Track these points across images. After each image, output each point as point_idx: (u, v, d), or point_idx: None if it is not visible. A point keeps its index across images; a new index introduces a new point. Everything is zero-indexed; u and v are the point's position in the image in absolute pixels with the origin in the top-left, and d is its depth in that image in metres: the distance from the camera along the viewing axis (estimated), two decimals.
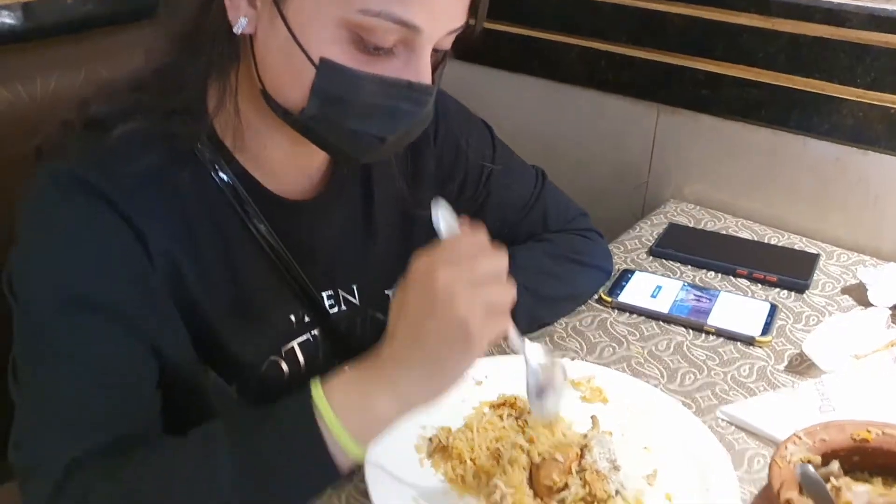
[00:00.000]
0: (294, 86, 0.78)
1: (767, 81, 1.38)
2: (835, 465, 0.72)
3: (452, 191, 1.08)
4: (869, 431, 0.74)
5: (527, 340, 0.81)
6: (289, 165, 0.91)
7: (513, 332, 0.78)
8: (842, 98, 1.33)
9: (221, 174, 0.85)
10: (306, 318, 0.95)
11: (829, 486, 0.68)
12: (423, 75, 0.79)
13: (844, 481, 0.71)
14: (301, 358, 0.95)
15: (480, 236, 0.75)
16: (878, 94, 1.30)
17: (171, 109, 0.81)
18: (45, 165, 0.79)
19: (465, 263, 0.71)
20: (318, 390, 0.72)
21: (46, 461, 0.72)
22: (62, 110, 0.83)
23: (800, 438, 0.72)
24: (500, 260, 0.74)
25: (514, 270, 1.07)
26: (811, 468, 0.61)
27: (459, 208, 1.06)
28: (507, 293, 0.73)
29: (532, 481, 0.84)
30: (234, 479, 0.70)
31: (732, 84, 1.42)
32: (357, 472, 0.84)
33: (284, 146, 0.88)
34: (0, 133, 1.00)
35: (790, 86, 1.37)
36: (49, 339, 0.75)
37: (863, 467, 0.74)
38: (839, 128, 1.35)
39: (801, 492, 0.68)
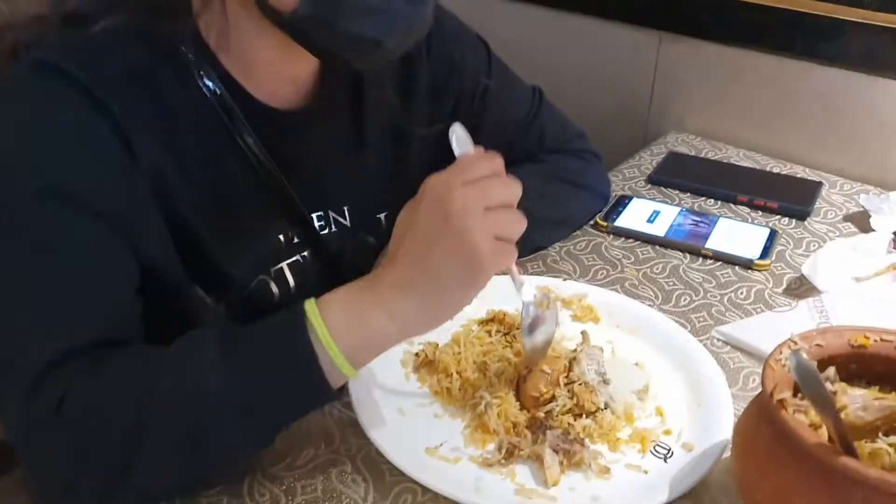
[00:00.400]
0: None
1: (772, 4, 1.34)
2: (831, 371, 0.69)
3: (446, 106, 1.04)
4: (867, 337, 0.71)
5: (525, 278, 0.79)
6: (276, 72, 0.87)
7: (514, 265, 0.77)
8: (849, 21, 1.28)
9: (207, 81, 0.81)
10: (296, 239, 0.93)
11: None
12: None
13: (840, 386, 0.68)
14: (291, 279, 0.93)
15: (497, 161, 0.72)
16: (888, 15, 1.25)
17: (154, 5, 0.77)
18: (22, 57, 0.76)
19: (481, 187, 0.69)
20: (312, 307, 0.68)
21: (20, 361, 0.69)
22: (34, 4, 0.80)
23: (795, 343, 0.69)
24: (515, 187, 0.72)
25: None
26: (804, 356, 0.58)
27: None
28: (520, 223, 0.71)
29: (518, 393, 0.82)
30: (223, 385, 0.66)
31: (736, 8, 1.37)
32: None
33: (272, 51, 0.84)
34: None
35: (795, 8, 1.32)
36: (22, 228, 0.71)
37: (860, 375, 0.72)
38: (846, 53, 1.31)
39: (794, 393, 0.65)
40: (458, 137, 0.77)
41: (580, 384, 0.81)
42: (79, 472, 0.67)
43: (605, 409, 0.81)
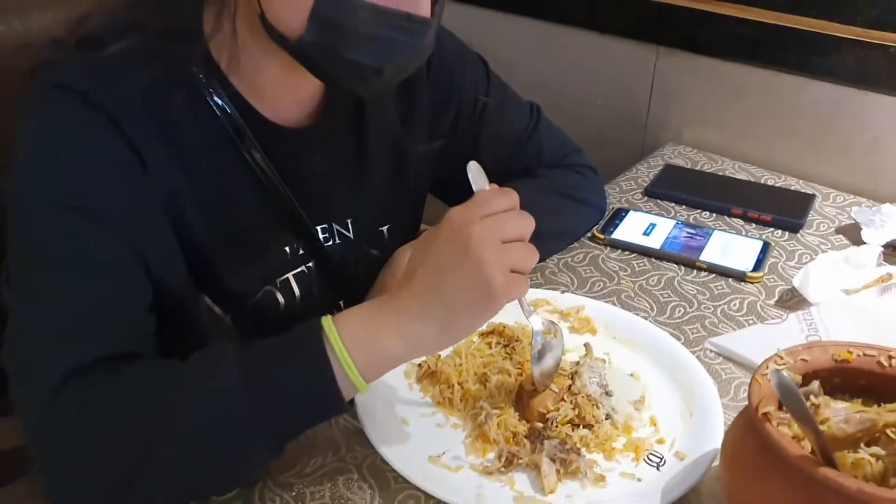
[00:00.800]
0: (293, 11, 0.77)
1: (767, 21, 1.37)
2: (815, 385, 0.72)
3: (446, 123, 1.08)
4: (850, 352, 0.74)
5: (533, 309, 0.85)
6: (283, 92, 0.91)
7: (524, 297, 0.80)
8: (842, 37, 1.32)
9: (216, 98, 0.85)
10: (301, 251, 0.96)
11: (808, 403, 0.68)
12: (422, 8, 0.79)
13: (824, 399, 0.71)
14: (296, 289, 0.96)
15: (513, 196, 0.76)
16: (880, 32, 1.28)
17: (167, 28, 0.81)
18: (39, 78, 0.79)
19: (498, 221, 0.73)
20: (328, 323, 0.72)
21: (42, 368, 0.72)
22: (49, 26, 0.83)
23: (781, 358, 0.72)
24: (529, 222, 0.76)
25: None
26: (785, 373, 0.61)
27: (453, 142, 1.08)
28: (533, 256, 0.75)
29: (519, 405, 0.85)
30: (241, 393, 0.69)
31: (731, 23, 1.40)
32: None
33: (279, 72, 0.87)
34: None
35: (790, 25, 1.35)
36: (45, 244, 0.75)
37: (844, 389, 0.75)
38: (839, 68, 1.34)
39: (779, 407, 0.69)
40: (475, 174, 0.81)
41: (582, 396, 0.84)
42: (94, 477, 0.70)
43: (607, 419, 0.84)
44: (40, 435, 0.72)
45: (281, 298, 0.95)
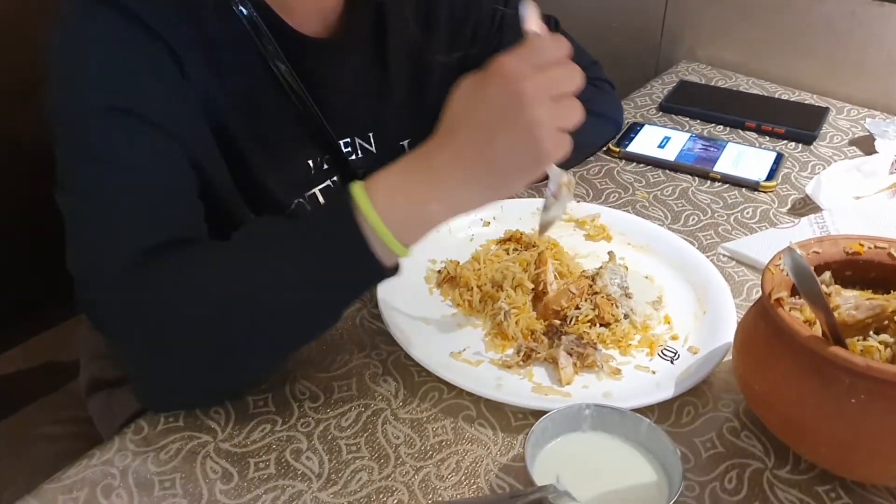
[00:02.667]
0: None
1: None
2: (826, 275, 0.75)
3: (465, 36, 1.08)
4: (861, 245, 0.76)
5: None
6: (305, 1, 0.91)
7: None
8: None
9: (242, 7, 0.86)
10: (325, 165, 0.97)
11: None
12: None
13: (835, 288, 0.74)
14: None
15: (565, 45, 0.69)
16: None
17: None
18: None
19: (552, 76, 0.66)
20: (361, 194, 0.68)
21: (111, 257, 0.73)
22: None
23: (793, 250, 0.74)
24: (579, 76, 0.69)
25: None
26: (798, 252, 0.63)
27: (473, 55, 1.08)
28: (580, 113, 0.69)
29: (536, 306, 0.88)
30: (290, 274, 0.70)
31: None
32: (370, 297, 0.89)
33: None
34: None
35: None
36: (95, 145, 0.76)
37: (854, 281, 0.77)
38: None
39: (791, 295, 0.71)
40: (529, 15, 0.71)
41: (602, 296, 0.87)
42: (185, 354, 0.72)
43: (626, 319, 0.87)
44: (122, 324, 0.73)
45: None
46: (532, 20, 0.71)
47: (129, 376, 0.78)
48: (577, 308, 0.86)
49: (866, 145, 1.23)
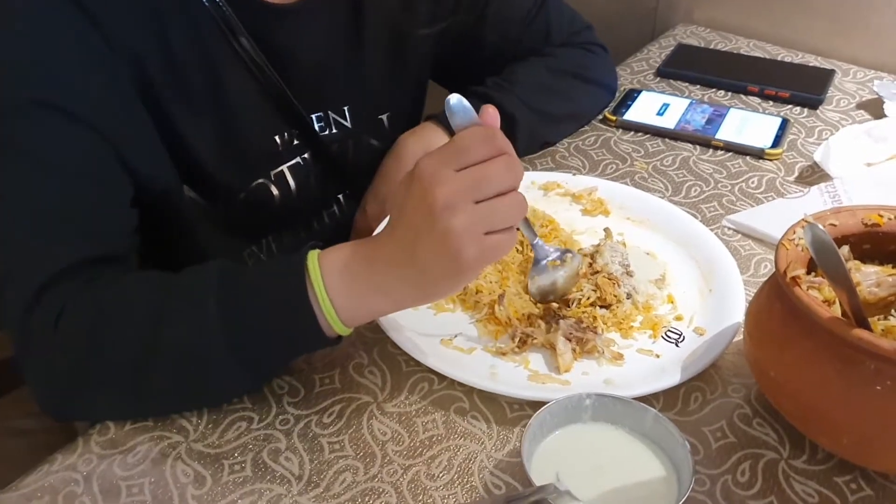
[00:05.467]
0: None
1: None
2: (845, 249, 0.69)
3: (448, 4, 1.02)
4: (881, 216, 0.71)
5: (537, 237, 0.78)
6: None
7: (527, 232, 0.74)
8: None
9: None
10: (295, 141, 0.91)
11: None
12: None
13: (854, 263, 0.68)
14: (292, 182, 0.92)
15: (499, 139, 0.63)
16: None
17: None
18: None
19: (474, 178, 0.61)
20: (315, 267, 0.65)
21: (18, 276, 0.69)
22: None
23: (808, 223, 0.69)
24: (517, 172, 0.63)
25: (515, 87, 1.04)
26: (820, 226, 0.58)
27: (457, 23, 1.02)
28: (519, 210, 0.64)
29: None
30: (222, 334, 0.65)
31: None
32: None
33: None
34: None
35: None
36: (13, 141, 0.70)
37: (873, 255, 0.71)
38: None
39: (808, 271, 0.65)
40: (454, 108, 0.65)
41: (604, 276, 0.81)
42: (77, 385, 0.69)
43: (628, 299, 0.81)
44: (22, 344, 0.70)
45: (275, 191, 0.91)
46: (456, 115, 0.65)
47: (29, 384, 0.72)
48: (579, 291, 0.81)
49: (875, 108, 1.17)
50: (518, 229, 0.68)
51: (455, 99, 0.65)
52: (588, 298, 0.80)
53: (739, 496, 0.65)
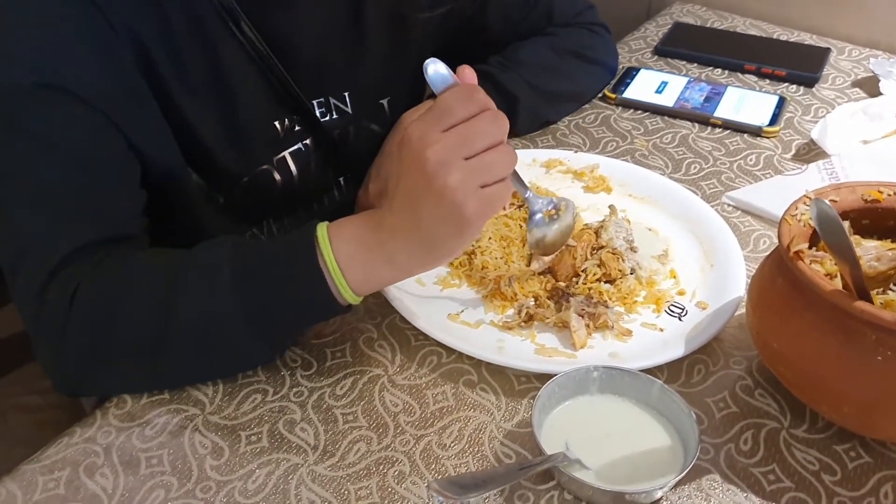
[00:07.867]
0: None
1: None
2: (846, 225, 0.71)
3: None
4: (880, 192, 0.72)
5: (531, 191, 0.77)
6: None
7: (518, 186, 0.74)
8: None
9: None
10: (297, 127, 0.91)
11: None
12: None
13: (854, 238, 0.70)
14: (293, 167, 0.92)
15: (480, 96, 0.65)
16: None
17: None
18: None
19: (461, 135, 0.63)
20: (324, 238, 0.67)
21: (31, 258, 0.70)
22: None
23: (810, 199, 0.70)
24: (501, 124, 0.65)
25: (517, 66, 1.05)
26: (826, 203, 0.59)
27: (458, 6, 1.02)
28: (508, 160, 0.65)
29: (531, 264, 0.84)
30: (237, 307, 0.67)
31: None
32: None
33: None
34: None
35: None
36: (20, 124, 0.71)
37: (872, 231, 0.73)
38: None
39: (810, 246, 0.67)
40: (433, 75, 0.67)
41: (609, 251, 0.82)
42: (92, 365, 0.70)
43: (632, 274, 0.83)
44: (36, 324, 0.70)
45: (278, 176, 0.91)
46: (435, 81, 0.67)
47: (44, 363, 0.73)
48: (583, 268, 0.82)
49: (871, 86, 1.19)
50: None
51: (432, 67, 0.68)
52: (594, 274, 0.82)
53: (742, 464, 0.67)
